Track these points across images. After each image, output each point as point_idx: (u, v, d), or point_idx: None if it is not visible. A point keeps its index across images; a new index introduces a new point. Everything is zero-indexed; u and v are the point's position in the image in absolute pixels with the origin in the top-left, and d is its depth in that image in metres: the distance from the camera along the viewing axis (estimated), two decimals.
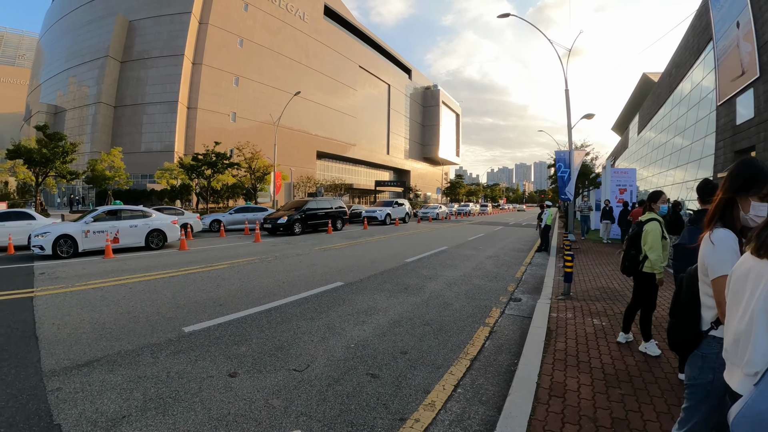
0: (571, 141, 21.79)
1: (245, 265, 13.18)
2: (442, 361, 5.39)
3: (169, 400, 4.37)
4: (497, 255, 16.11)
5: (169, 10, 72.44)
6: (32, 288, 10.30)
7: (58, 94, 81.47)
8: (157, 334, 6.53)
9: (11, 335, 6.76)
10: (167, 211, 23.36)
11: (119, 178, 48.64)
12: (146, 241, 17.49)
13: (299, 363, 5.30)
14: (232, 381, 4.81)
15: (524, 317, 7.53)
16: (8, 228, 18.04)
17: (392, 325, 6.85)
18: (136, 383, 4.80)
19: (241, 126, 76.15)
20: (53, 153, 34.81)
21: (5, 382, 5.00)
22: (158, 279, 11.04)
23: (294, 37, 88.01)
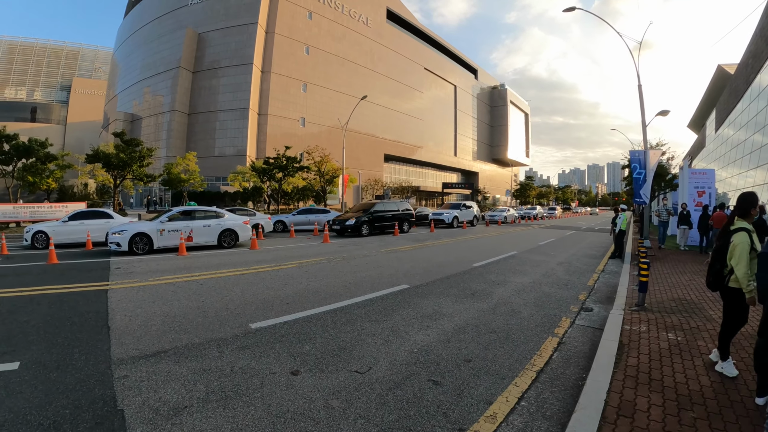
0: (646, 139, 20.59)
1: (313, 265, 13.34)
2: (507, 371, 5.19)
3: (230, 394, 4.46)
4: (569, 261, 15.50)
5: (236, 22, 75.40)
6: (107, 281, 10.87)
7: (134, 103, 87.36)
8: (225, 329, 6.70)
9: (84, 324, 7.15)
10: (239, 212, 24.43)
11: (194, 180, 51.30)
12: (218, 240, 18.15)
13: (361, 365, 5.27)
14: (293, 379, 4.84)
15: (595, 329, 7.15)
16: (87, 226, 19.46)
17: (457, 332, 6.68)
18: (200, 375, 4.94)
19: (310, 131, 77.78)
20: (130, 157, 37.50)
21: (75, 367, 5.29)
22: (228, 276, 11.35)
23: (358, 42, 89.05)
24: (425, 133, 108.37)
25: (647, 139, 20.80)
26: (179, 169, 50.38)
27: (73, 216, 20.26)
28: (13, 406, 4.33)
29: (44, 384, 4.85)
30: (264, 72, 75.85)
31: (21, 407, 4.30)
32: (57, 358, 5.68)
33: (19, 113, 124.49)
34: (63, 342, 6.29)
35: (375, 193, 73.43)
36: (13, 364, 5.51)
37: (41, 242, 19.04)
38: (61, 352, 5.86)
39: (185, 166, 51.40)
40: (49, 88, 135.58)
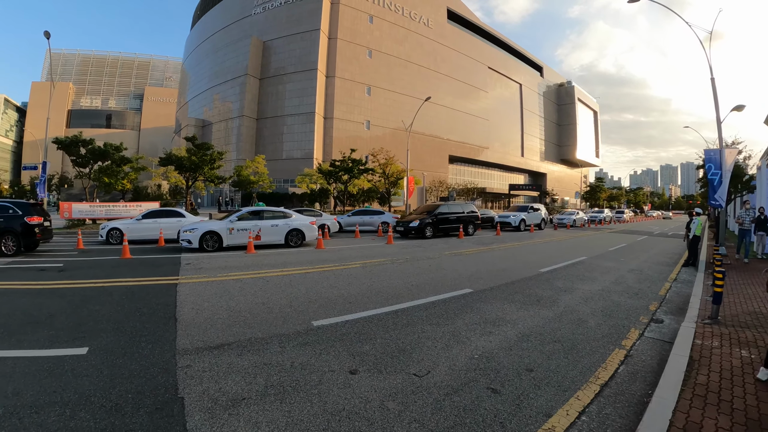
0: (721, 137, 19.15)
1: (377, 265, 13.40)
2: (569, 383, 4.95)
3: (288, 389, 4.53)
4: (640, 268, 14.70)
5: (299, 29, 77.27)
6: (177, 276, 11.36)
7: (204, 109, 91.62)
8: (287, 326, 6.83)
9: (153, 315, 7.50)
10: (306, 212, 24.91)
11: (263, 182, 53.50)
12: (286, 240, 18.65)
13: (420, 368, 5.20)
14: (351, 378, 4.85)
15: (665, 342, 6.71)
16: (160, 224, 20.76)
17: (520, 339, 6.47)
18: (260, 369, 5.06)
19: (375, 133, 78.47)
20: (201, 160, 39.49)
21: (141, 355, 5.56)
22: (294, 274, 11.58)
23: (420, 43, 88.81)
24: (491, 133, 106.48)
25: (722, 137, 19.60)
26: (249, 172, 52.67)
27: (146, 214, 21.61)
28: (79, 388, 4.58)
29: (110, 369, 5.11)
30: (328, 77, 77.22)
31: (86, 389, 4.54)
32: (124, 345, 5.97)
33: (94, 120, 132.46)
34: (131, 331, 6.62)
35: (439, 194, 73.16)
36: (82, 349, 5.83)
37: (115, 238, 20.24)
38: (129, 340, 6.16)
39: (254, 169, 53.68)
40: (123, 97, 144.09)
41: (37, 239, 16.86)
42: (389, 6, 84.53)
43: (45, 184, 32.27)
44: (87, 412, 4.06)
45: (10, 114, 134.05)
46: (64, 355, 5.69)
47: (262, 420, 3.89)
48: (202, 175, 41.68)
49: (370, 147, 55.38)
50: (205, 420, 3.89)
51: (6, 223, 15.93)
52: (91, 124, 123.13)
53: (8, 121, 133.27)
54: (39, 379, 4.90)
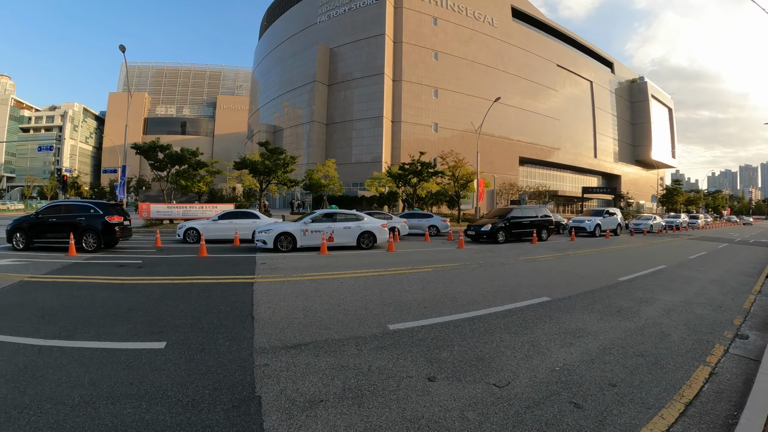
0: None
1: (449, 270, 13.19)
2: (653, 400, 4.63)
3: (366, 393, 4.45)
4: (722, 279, 13.68)
5: (364, 35, 78.39)
6: (253, 275, 11.60)
7: (275, 116, 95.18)
8: (363, 328, 6.77)
9: (230, 313, 7.64)
10: (377, 215, 25.21)
11: (333, 185, 54.18)
12: (357, 242, 18.85)
13: (500, 378, 4.99)
14: (430, 385, 4.72)
15: (750, 360, 6.17)
16: (236, 224, 21.55)
17: (602, 352, 6.14)
18: (338, 371, 5.00)
19: (443, 135, 78.06)
20: (275, 164, 40.84)
21: (218, 352, 5.64)
22: (367, 276, 11.57)
23: (486, 43, 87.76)
24: (562, 133, 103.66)
25: None
26: (319, 175, 53.73)
27: (222, 215, 22.57)
28: (156, 381, 4.69)
29: (187, 364, 5.22)
30: (395, 80, 77.81)
31: (163, 383, 4.64)
32: (202, 341, 6.09)
33: (170, 127, 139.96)
34: (208, 327, 6.77)
35: (510, 197, 72.05)
36: (160, 343, 6.01)
37: (192, 238, 21.32)
38: (206, 337, 6.30)
39: (325, 172, 54.63)
40: (196, 105, 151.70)
41: (117, 237, 18.05)
42: (452, 7, 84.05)
43: (124, 186, 34.27)
44: (163, 406, 4.14)
45: (89, 122, 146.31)
46: (142, 348, 5.89)
47: (339, 424, 3.84)
48: (275, 178, 43.02)
49: (439, 149, 54.67)
50: (282, 420, 3.87)
51: (87, 221, 17.30)
52: (167, 131, 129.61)
53: (88, 128, 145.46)
54: (116, 371, 5.07)
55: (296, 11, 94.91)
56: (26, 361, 5.56)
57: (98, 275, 11.87)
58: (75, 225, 17.20)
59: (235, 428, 3.74)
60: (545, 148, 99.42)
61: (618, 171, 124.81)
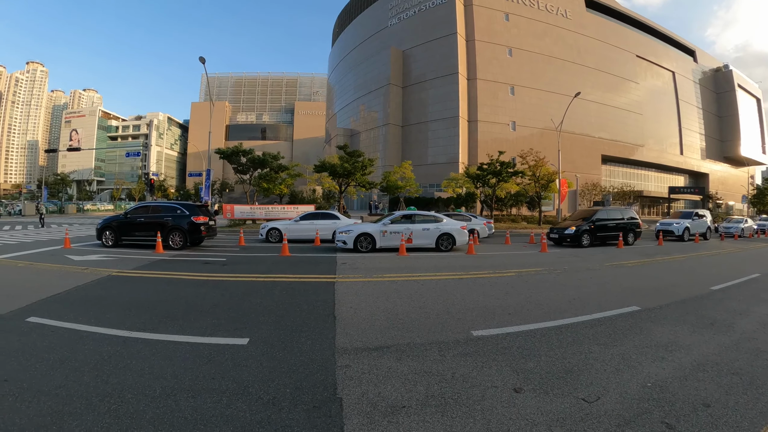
0: None
1: (533, 275, 12.74)
2: (748, 424, 4.20)
3: (450, 401, 4.31)
4: None
5: (435, 35, 77.69)
6: (334, 275, 11.72)
7: (351, 119, 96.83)
8: (446, 333, 6.60)
9: (312, 312, 7.70)
10: (456, 216, 25.08)
11: (410, 187, 54.41)
12: (436, 244, 18.61)
13: (589, 393, 4.69)
14: (516, 396, 4.51)
15: None
16: (317, 225, 22.20)
17: (695, 368, 5.64)
18: (420, 377, 4.86)
19: (521, 134, 76.25)
20: (353, 167, 41.84)
21: (300, 350, 5.67)
22: (448, 279, 11.39)
23: (561, 36, 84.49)
24: (645, 129, 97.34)
25: None
26: (396, 177, 54.13)
27: (304, 216, 23.44)
28: (238, 378, 4.76)
29: (269, 361, 5.27)
30: (470, 79, 76.70)
31: (245, 379, 4.71)
32: (284, 339, 6.16)
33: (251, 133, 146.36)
34: (291, 325, 6.85)
35: (593, 198, 69.14)
36: (243, 339, 6.14)
37: (275, 237, 22.16)
38: (288, 335, 6.36)
39: (402, 174, 54.84)
40: (275, 112, 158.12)
41: (202, 236, 19.21)
42: (524, 2, 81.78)
43: (209, 189, 35.92)
44: (244, 403, 4.19)
45: (174, 130, 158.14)
46: (224, 344, 6.02)
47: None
48: (354, 180, 44.03)
49: (517, 148, 52.90)
50: (363, 425, 3.81)
51: (174, 221, 18.64)
52: (248, 137, 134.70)
53: (173, 136, 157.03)
54: (198, 365, 5.21)
55: (366, 16, 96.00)
56: (111, 351, 5.86)
57: (184, 272, 12.43)
58: (162, 224, 18.50)
59: (316, 429, 3.73)
60: (628, 145, 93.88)
61: (705, 169, 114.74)
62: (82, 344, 6.26)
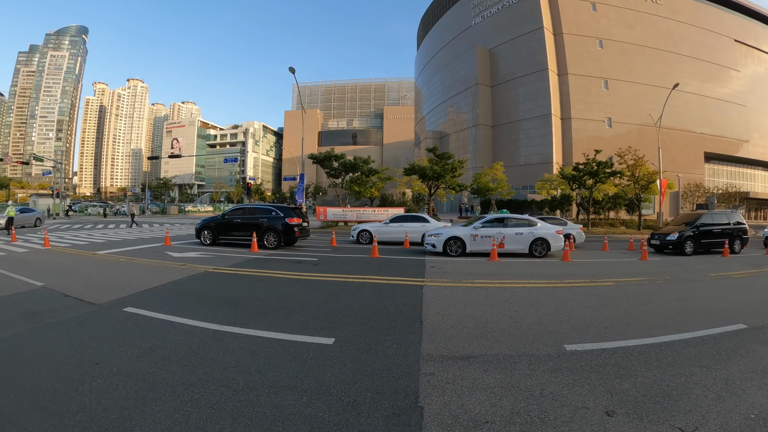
0: None
1: (632, 285, 11.73)
2: None
3: (536, 420, 4.05)
4: None
5: (521, 31, 75.22)
6: (423, 278, 11.57)
7: (440, 122, 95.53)
8: (537, 346, 6.22)
9: (399, 315, 7.62)
10: (550, 220, 23.66)
11: (501, 189, 53.19)
12: (530, 249, 17.75)
13: (686, 421, 4.20)
14: (607, 420, 4.14)
15: None
16: (407, 228, 22.23)
17: None
18: (507, 391, 4.60)
19: (617, 131, 71.74)
20: (443, 169, 41.21)
21: (385, 354, 5.58)
22: (541, 288, 10.85)
23: (652, 24, 77.79)
24: (749, 122, 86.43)
25: None
26: (487, 179, 53.20)
27: (393, 219, 23.56)
28: (320, 377, 4.79)
29: (353, 363, 5.25)
30: (560, 75, 73.65)
31: (327, 379, 4.72)
32: (369, 341, 6.13)
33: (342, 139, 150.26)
34: (377, 328, 6.80)
35: (696, 200, 63.92)
36: (328, 339, 6.19)
37: (365, 239, 22.57)
38: (374, 337, 6.32)
39: (493, 176, 53.90)
40: (365, 117, 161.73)
41: (295, 236, 19.95)
42: None
43: (303, 192, 37.29)
44: (324, 403, 4.19)
45: (269, 137, 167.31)
46: (310, 342, 6.09)
47: None
48: (443, 183, 43.29)
49: (613, 147, 49.57)
50: None
51: (269, 222, 19.53)
52: (339, 142, 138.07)
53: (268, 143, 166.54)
54: (283, 362, 5.30)
55: (450, 17, 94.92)
56: (200, 343, 6.12)
57: (276, 270, 12.82)
58: (258, 225, 19.47)
59: None
60: (732, 140, 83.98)
61: None
62: (173, 335, 6.61)
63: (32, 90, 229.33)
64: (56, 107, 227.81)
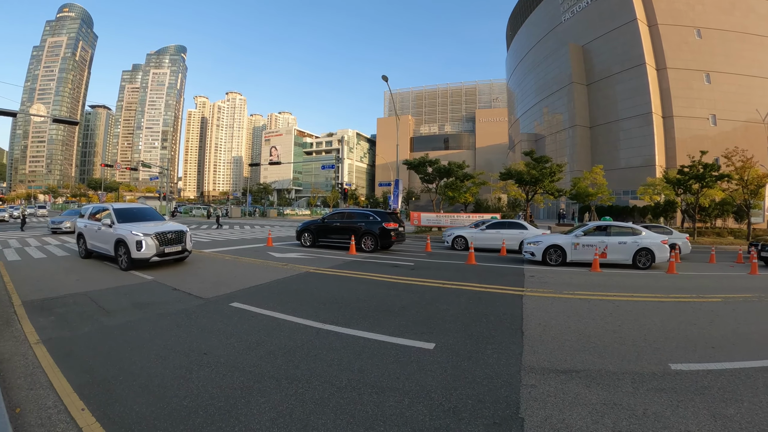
0: None
1: (741, 302, 10.74)
2: None
3: None
4: None
5: (613, 24, 70.82)
6: (522, 288, 11.36)
7: (534, 123, 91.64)
8: (641, 363, 5.94)
9: (499, 324, 7.56)
10: (654, 229, 22.00)
11: (601, 194, 49.31)
12: (633, 260, 16.69)
13: None
14: None
15: None
16: (503, 234, 21.77)
17: None
18: (609, 408, 4.45)
19: (722, 129, 65.60)
20: (541, 173, 39.93)
21: (485, 363, 5.58)
22: (646, 302, 10.30)
23: (752, 8, 69.36)
24: None
25: None
26: (586, 183, 50.13)
27: (490, 225, 23.11)
28: (421, 381, 4.87)
29: (453, 370, 5.29)
30: (659, 69, 68.31)
31: (428, 384, 4.79)
32: (469, 349, 6.14)
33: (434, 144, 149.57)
34: (477, 335, 6.80)
35: None
36: (429, 344, 6.26)
37: (460, 245, 22.47)
38: (474, 345, 6.33)
39: (592, 180, 50.37)
40: (456, 122, 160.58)
41: (392, 241, 20.34)
42: None
43: (398, 197, 37.63)
44: (425, 407, 4.25)
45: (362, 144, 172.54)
46: (411, 346, 6.20)
47: None
48: (541, 188, 42.00)
49: (719, 146, 44.81)
50: None
51: (367, 226, 20.21)
52: (431, 148, 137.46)
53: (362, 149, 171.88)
54: (384, 363, 5.44)
55: (538, 15, 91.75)
56: (304, 340, 6.43)
57: (375, 273, 13.16)
58: (356, 229, 20.21)
59: None
60: None
61: None
62: (278, 330, 6.97)
63: (137, 104, 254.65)
64: (161, 119, 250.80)
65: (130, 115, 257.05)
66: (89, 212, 17.26)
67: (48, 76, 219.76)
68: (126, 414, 4.22)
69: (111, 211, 15.16)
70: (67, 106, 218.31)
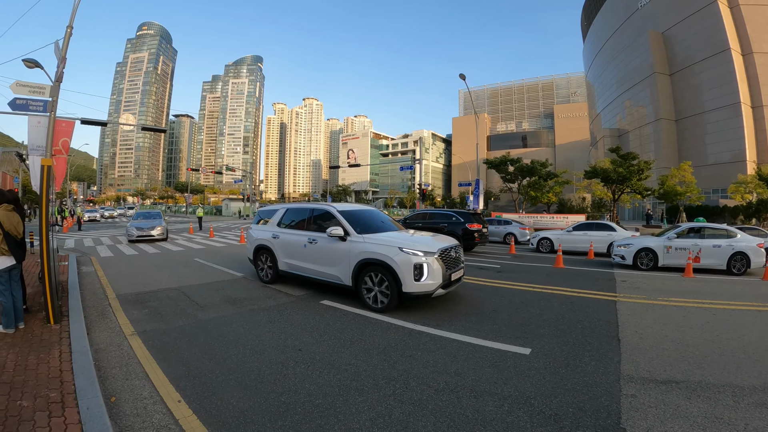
0: None
1: None
2: None
3: None
4: None
5: (692, 8, 65.39)
6: (614, 293, 11.09)
7: (617, 118, 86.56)
8: (741, 375, 5.64)
9: (594, 330, 7.47)
10: (748, 231, 20.65)
11: (690, 192, 45.40)
12: (728, 264, 15.56)
13: None
14: None
15: None
16: (591, 236, 21.06)
17: None
18: (710, 422, 4.31)
19: None
20: (629, 171, 38.06)
21: (584, 370, 5.54)
22: (743, 311, 9.69)
23: None
24: None
25: None
26: (674, 181, 46.00)
27: (577, 227, 22.56)
28: (519, 386, 4.92)
29: (552, 376, 5.29)
30: (745, 54, 61.94)
31: (527, 390, 4.83)
32: (566, 355, 6.11)
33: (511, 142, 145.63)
34: (572, 342, 6.74)
35: None
36: (525, 349, 6.28)
37: (545, 247, 22.09)
38: (571, 351, 6.28)
39: (680, 177, 46.22)
40: (534, 118, 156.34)
41: (475, 242, 20.35)
42: None
43: (479, 197, 37.58)
44: (525, 413, 4.29)
45: (438, 145, 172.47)
46: (506, 350, 6.23)
47: None
48: (629, 186, 40.19)
49: None
50: None
51: (450, 227, 20.29)
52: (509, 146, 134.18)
53: (437, 150, 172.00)
54: (481, 367, 5.50)
55: (613, 3, 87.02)
56: (397, 340, 6.60)
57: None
58: (438, 230, 19.57)
59: None
60: None
61: None
62: (370, 329, 7.19)
63: (219, 112, 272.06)
64: (242, 126, 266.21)
65: (212, 122, 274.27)
66: (279, 216, 11.77)
67: (132, 89, 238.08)
68: (223, 407, 4.47)
69: (337, 214, 9.87)
70: (152, 116, 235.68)
